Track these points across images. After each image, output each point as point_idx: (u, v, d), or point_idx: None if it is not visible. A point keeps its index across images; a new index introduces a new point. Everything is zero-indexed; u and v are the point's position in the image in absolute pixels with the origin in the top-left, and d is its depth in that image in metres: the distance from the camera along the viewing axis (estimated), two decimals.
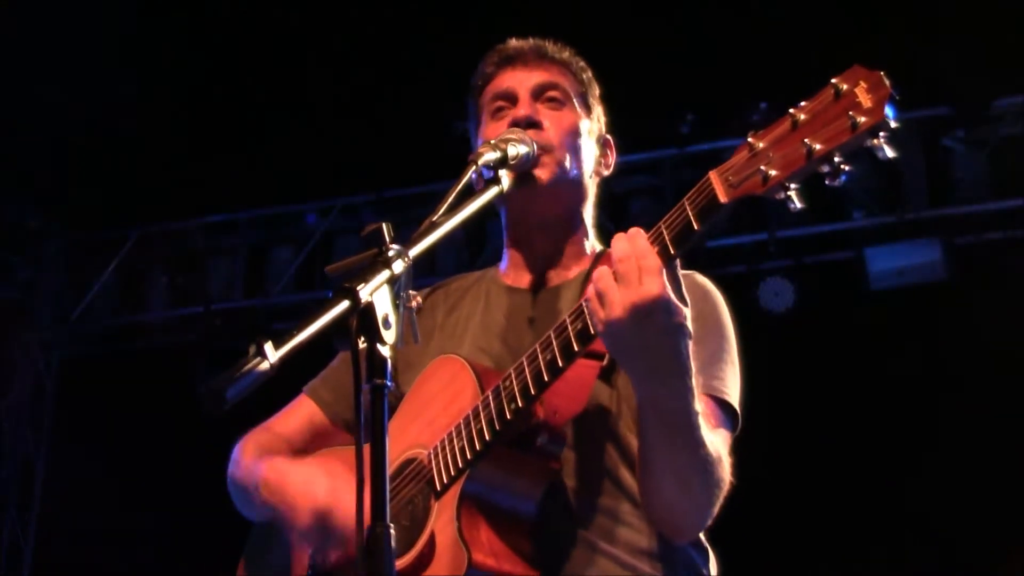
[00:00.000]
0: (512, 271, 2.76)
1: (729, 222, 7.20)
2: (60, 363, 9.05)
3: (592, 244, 2.75)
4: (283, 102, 7.81)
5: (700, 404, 2.25)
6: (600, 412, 2.47)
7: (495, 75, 2.73)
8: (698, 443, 2.25)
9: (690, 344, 2.18)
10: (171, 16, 7.46)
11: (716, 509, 2.38)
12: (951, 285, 7.37)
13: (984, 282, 7.35)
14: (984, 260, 7.49)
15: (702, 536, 2.57)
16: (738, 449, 2.53)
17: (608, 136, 2.81)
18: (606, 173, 2.79)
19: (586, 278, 2.59)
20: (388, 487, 1.78)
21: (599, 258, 2.67)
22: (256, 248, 8.84)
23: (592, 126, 2.73)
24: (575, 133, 2.66)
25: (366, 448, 1.77)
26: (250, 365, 1.68)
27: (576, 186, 2.67)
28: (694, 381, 2.21)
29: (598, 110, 2.78)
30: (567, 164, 2.61)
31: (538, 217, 2.66)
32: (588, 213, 2.75)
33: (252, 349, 1.69)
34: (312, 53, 7.61)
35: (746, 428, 2.54)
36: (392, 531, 1.73)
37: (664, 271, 2.11)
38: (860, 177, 7.40)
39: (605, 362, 2.40)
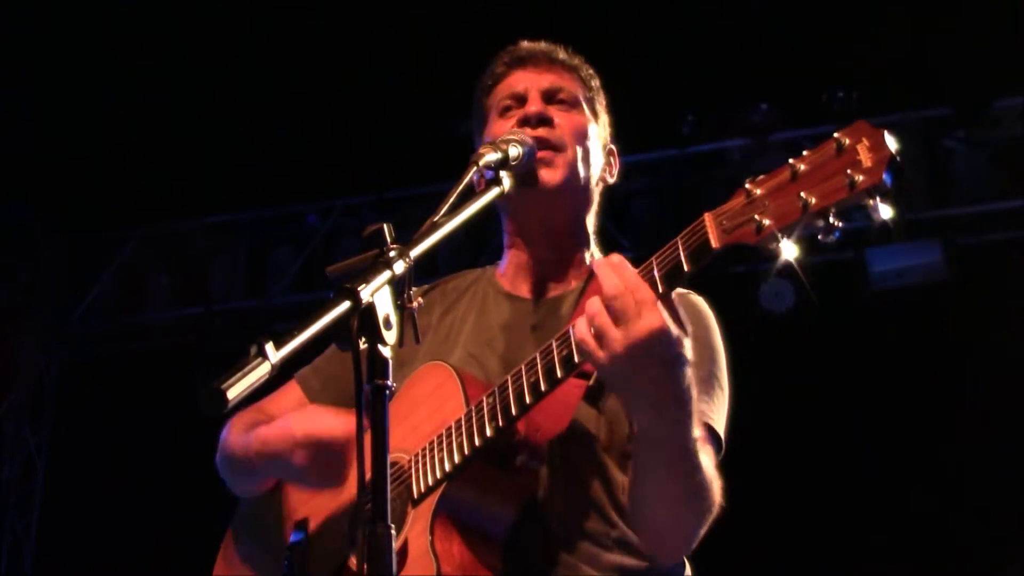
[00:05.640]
0: (511, 275, 2.74)
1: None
2: (60, 364, 9.04)
3: (591, 253, 2.73)
4: (283, 102, 7.81)
5: (698, 430, 2.20)
6: (586, 435, 2.45)
7: (506, 75, 2.73)
8: (695, 468, 2.21)
9: (688, 370, 2.11)
10: (170, 16, 7.46)
11: (704, 530, 2.34)
12: (952, 286, 7.36)
13: (985, 283, 7.33)
14: (985, 261, 7.48)
15: None
16: (738, 450, 2.53)
17: (613, 146, 2.81)
18: (611, 181, 2.78)
19: (582, 292, 2.59)
20: (389, 487, 1.77)
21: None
22: (256, 248, 8.82)
23: (600, 132, 2.73)
24: (585, 135, 2.66)
25: (367, 447, 1.77)
26: (250, 365, 1.67)
27: (583, 190, 2.66)
28: (694, 407, 2.15)
29: (604, 118, 2.78)
30: (578, 165, 2.61)
31: (542, 221, 2.65)
32: (591, 220, 2.74)
33: (252, 349, 1.69)
34: (313, 53, 7.61)
35: (746, 429, 2.53)
36: (392, 531, 1.73)
37: (659, 301, 2.05)
38: None
39: (592, 382, 2.38)
